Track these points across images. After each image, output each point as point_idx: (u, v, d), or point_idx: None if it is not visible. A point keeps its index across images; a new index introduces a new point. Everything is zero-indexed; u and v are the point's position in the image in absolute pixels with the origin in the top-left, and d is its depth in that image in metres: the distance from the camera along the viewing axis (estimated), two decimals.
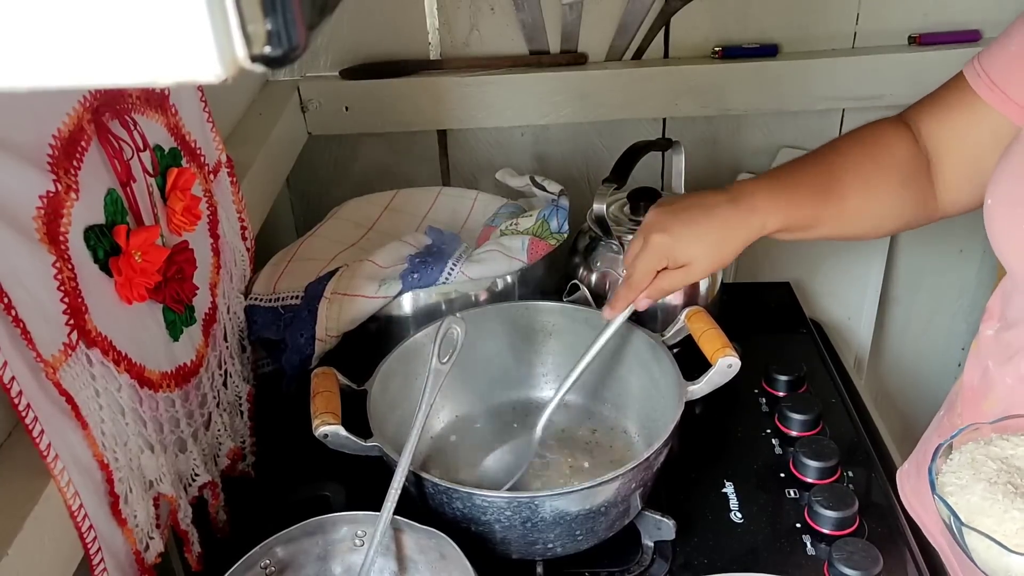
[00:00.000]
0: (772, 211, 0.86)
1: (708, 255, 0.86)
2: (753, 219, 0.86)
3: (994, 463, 0.71)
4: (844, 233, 0.93)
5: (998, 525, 0.65)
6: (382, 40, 1.28)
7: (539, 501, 0.75)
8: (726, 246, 0.86)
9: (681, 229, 0.86)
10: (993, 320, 0.84)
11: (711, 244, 0.86)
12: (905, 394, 1.58)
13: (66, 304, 0.60)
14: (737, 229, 0.86)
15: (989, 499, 0.67)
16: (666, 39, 1.30)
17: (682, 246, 0.85)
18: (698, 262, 0.86)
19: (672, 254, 0.86)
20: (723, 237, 0.86)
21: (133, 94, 0.71)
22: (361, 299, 0.95)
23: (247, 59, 0.27)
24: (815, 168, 0.90)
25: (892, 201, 0.88)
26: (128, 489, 0.68)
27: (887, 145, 0.89)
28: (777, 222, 0.87)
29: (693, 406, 0.85)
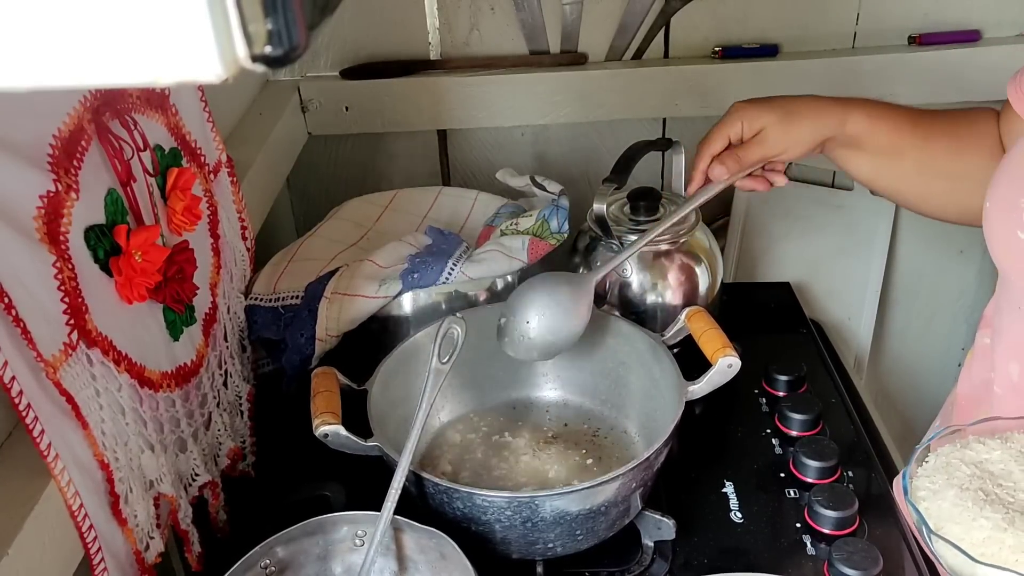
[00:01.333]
0: (858, 112, 0.86)
1: (782, 127, 0.86)
2: (838, 109, 0.86)
3: (968, 468, 0.70)
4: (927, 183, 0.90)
5: (966, 533, 0.65)
6: (382, 40, 1.29)
7: (539, 501, 0.75)
8: (802, 122, 0.86)
9: (763, 100, 0.88)
10: (988, 328, 0.84)
11: (787, 115, 0.86)
12: (905, 394, 1.58)
13: (66, 304, 0.60)
14: (819, 111, 0.86)
15: (959, 506, 0.67)
16: (666, 39, 1.30)
17: (759, 111, 0.86)
18: (771, 131, 0.86)
19: (747, 119, 0.86)
20: (801, 112, 0.86)
21: (133, 94, 0.71)
22: (361, 299, 0.95)
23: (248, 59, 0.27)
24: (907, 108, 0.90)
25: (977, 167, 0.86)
26: (128, 489, 0.68)
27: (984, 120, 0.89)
28: (860, 125, 0.86)
29: (693, 406, 0.85)
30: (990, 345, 0.83)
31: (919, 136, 0.88)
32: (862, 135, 0.87)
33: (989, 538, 0.64)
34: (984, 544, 0.64)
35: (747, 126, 0.87)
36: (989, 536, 0.64)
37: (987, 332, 0.84)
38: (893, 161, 0.89)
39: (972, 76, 1.27)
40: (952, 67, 1.27)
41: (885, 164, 0.89)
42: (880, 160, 0.89)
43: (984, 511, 0.66)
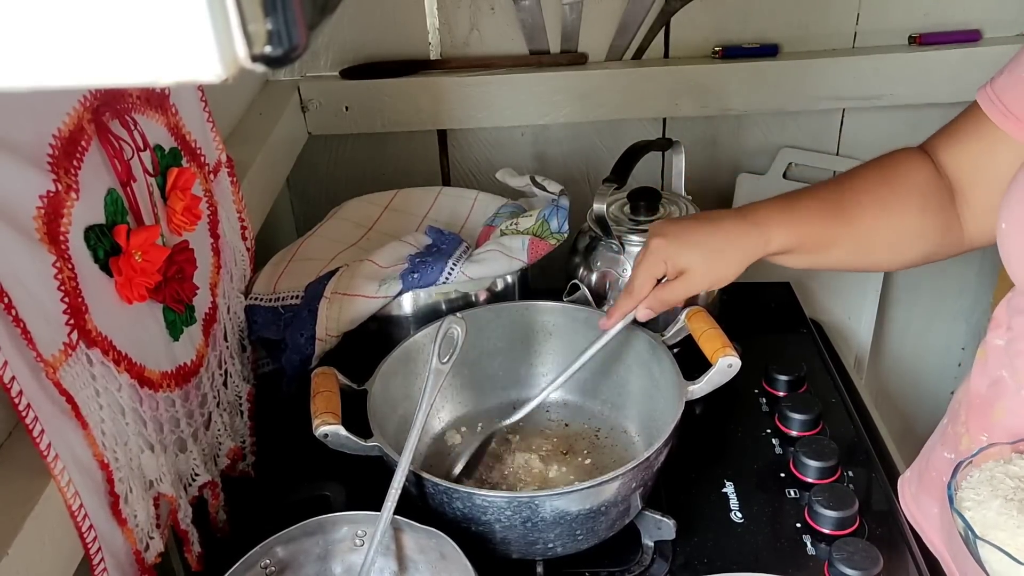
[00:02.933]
0: (778, 227, 0.85)
1: (706, 263, 0.85)
2: (756, 233, 0.85)
3: (1012, 481, 0.72)
4: (861, 259, 0.91)
5: (1011, 539, 0.66)
6: (382, 40, 1.28)
7: (539, 501, 0.75)
8: (725, 257, 0.85)
9: (681, 234, 0.85)
10: (1001, 329, 0.83)
11: (710, 252, 0.85)
12: (905, 394, 1.58)
13: (66, 304, 0.60)
14: (739, 241, 0.85)
15: (1004, 514, 0.68)
16: (666, 39, 1.30)
17: (680, 251, 0.84)
18: (695, 269, 0.85)
19: (671, 258, 0.85)
20: (723, 247, 0.85)
21: (133, 94, 0.71)
22: (361, 299, 0.95)
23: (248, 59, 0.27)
24: (828, 191, 0.88)
25: (910, 226, 0.86)
26: (128, 489, 0.68)
27: (904, 171, 0.87)
28: (783, 239, 0.85)
29: (693, 406, 0.85)
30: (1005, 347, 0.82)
31: (844, 223, 0.86)
32: (788, 246, 0.86)
33: None
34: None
35: (670, 265, 0.85)
36: None
37: (999, 333, 0.83)
38: (826, 253, 0.88)
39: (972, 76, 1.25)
40: (952, 67, 1.27)
41: (820, 258, 0.88)
42: (814, 256, 0.88)
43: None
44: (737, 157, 1.37)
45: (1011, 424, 0.79)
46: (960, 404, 0.88)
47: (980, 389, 0.85)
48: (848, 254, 0.89)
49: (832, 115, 1.34)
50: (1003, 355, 0.82)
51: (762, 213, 0.86)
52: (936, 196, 0.86)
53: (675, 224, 0.87)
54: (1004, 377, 0.81)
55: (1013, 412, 0.80)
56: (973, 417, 0.85)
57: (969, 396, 0.86)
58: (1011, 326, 0.82)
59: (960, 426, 0.87)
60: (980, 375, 0.85)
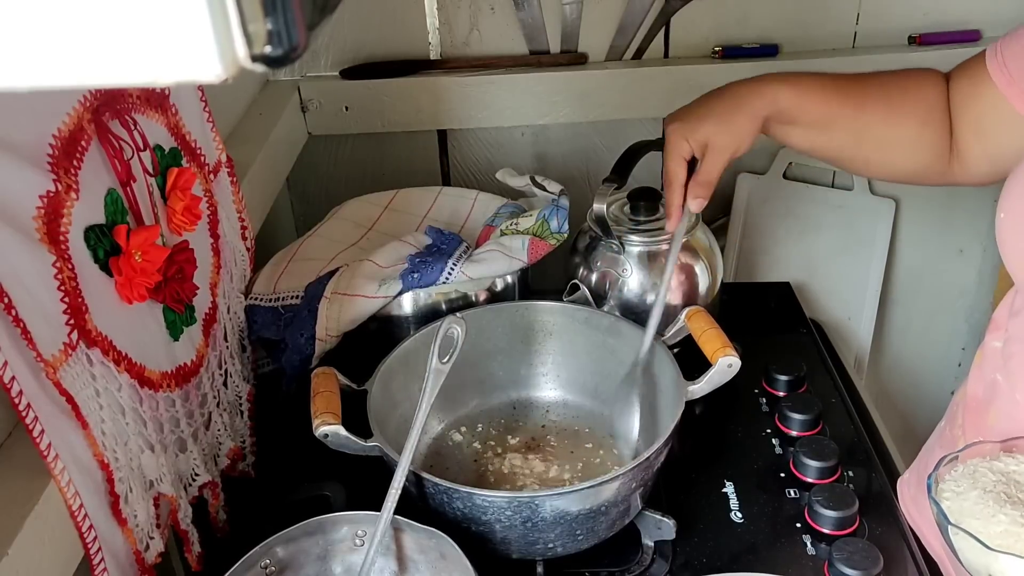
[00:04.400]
0: (785, 89, 0.88)
1: (723, 129, 0.87)
2: (764, 89, 0.88)
3: (995, 476, 0.72)
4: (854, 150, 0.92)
5: (984, 527, 0.67)
6: (382, 40, 1.29)
7: (539, 501, 0.75)
8: (738, 117, 0.88)
9: (691, 112, 0.89)
10: (1000, 331, 0.83)
11: (722, 116, 0.88)
12: (905, 394, 1.58)
13: (66, 304, 0.60)
14: (747, 99, 0.88)
15: (980, 504, 0.69)
16: (666, 39, 1.30)
17: (695, 124, 0.87)
18: (715, 138, 0.87)
19: (689, 134, 0.88)
20: (733, 108, 0.88)
21: (133, 94, 0.71)
22: (361, 299, 0.95)
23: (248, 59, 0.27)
24: (838, 77, 0.91)
25: (907, 132, 0.88)
26: (128, 489, 0.68)
27: (918, 81, 0.90)
28: (789, 98, 0.88)
29: (693, 406, 0.85)
30: (1001, 349, 0.82)
31: (850, 106, 0.89)
32: (793, 109, 0.89)
33: (1006, 531, 0.66)
34: (1000, 537, 0.66)
35: (693, 143, 0.88)
36: (1006, 530, 0.66)
37: (998, 335, 0.84)
38: (826, 132, 0.90)
39: None
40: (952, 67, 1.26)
41: (819, 135, 0.91)
42: (814, 132, 0.91)
43: (1004, 509, 0.68)
44: None
45: (1005, 428, 0.79)
46: (958, 407, 0.89)
47: (977, 392, 0.85)
48: (846, 140, 0.91)
49: None
50: (998, 357, 0.82)
51: (771, 77, 0.90)
52: (940, 115, 0.88)
53: (684, 108, 0.91)
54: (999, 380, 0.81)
55: (1007, 415, 0.80)
56: (969, 420, 0.85)
57: (966, 399, 0.86)
58: (1008, 328, 0.82)
59: (957, 429, 0.87)
60: (977, 378, 0.85)
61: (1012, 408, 0.79)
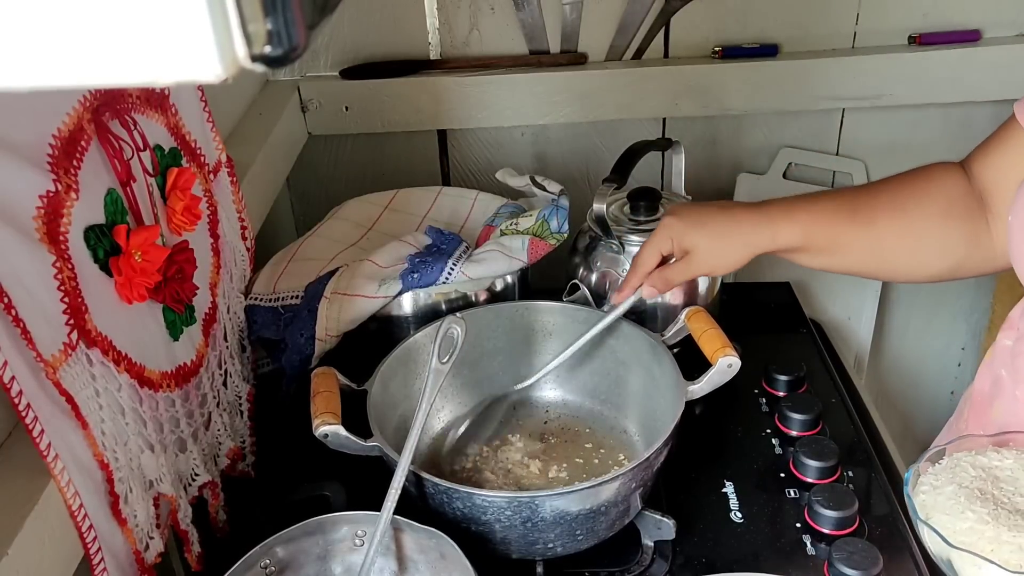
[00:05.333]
0: (787, 223, 0.86)
1: (712, 248, 0.87)
2: (765, 226, 0.86)
3: (975, 470, 0.73)
4: (876, 264, 0.89)
5: (951, 523, 0.68)
6: (382, 40, 1.28)
7: (539, 501, 0.75)
8: (730, 244, 0.87)
9: (692, 216, 0.88)
10: (1012, 330, 0.83)
11: (717, 236, 0.87)
12: (905, 394, 1.58)
13: (66, 304, 0.60)
14: (746, 231, 0.87)
15: (952, 500, 0.70)
16: (666, 39, 1.30)
17: (687, 229, 0.87)
18: (700, 252, 0.87)
19: (677, 237, 0.87)
20: (728, 233, 0.87)
21: (133, 94, 0.71)
22: (361, 299, 0.95)
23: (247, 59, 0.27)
24: (846, 193, 0.89)
25: (930, 231, 0.84)
26: (128, 489, 0.68)
27: (931, 178, 0.86)
28: (790, 235, 0.86)
29: (693, 406, 0.85)
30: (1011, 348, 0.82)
31: (859, 224, 0.85)
32: (797, 243, 0.86)
33: (971, 528, 0.67)
34: (965, 533, 0.67)
35: (676, 244, 0.88)
36: (971, 527, 0.67)
37: (1010, 334, 0.83)
38: (837, 255, 0.88)
39: (972, 76, 1.27)
40: (952, 67, 1.27)
41: (830, 259, 0.88)
42: (825, 257, 0.88)
43: (973, 505, 0.69)
44: (737, 157, 1.38)
45: (1006, 423, 0.79)
46: (965, 401, 0.89)
47: (983, 387, 0.85)
48: (863, 257, 0.88)
49: (832, 115, 1.34)
50: (1007, 355, 0.82)
51: (775, 208, 0.88)
52: (962, 203, 0.84)
53: (690, 207, 0.91)
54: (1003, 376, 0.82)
55: (1009, 411, 0.80)
56: (973, 414, 0.85)
57: (972, 394, 0.87)
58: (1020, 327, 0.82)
59: (962, 423, 0.87)
60: (985, 374, 0.86)
61: (1013, 404, 0.80)
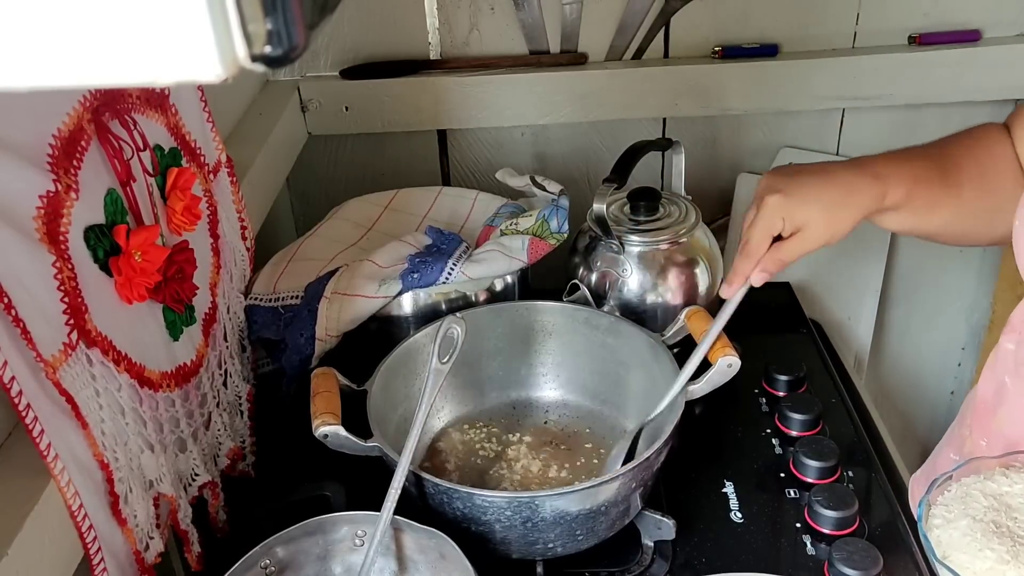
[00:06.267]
0: (896, 180, 0.83)
1: (824, 219, 0.82)
2: (875, 185, 0.83)
3: (986, 500, 0.71)
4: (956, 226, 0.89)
5: (971, 562, 0.66)
6: (382, 40, 1.28)
7: (539, 501, 0.75)
8: (844, 210, 0.82)
9: (796, 189, 0.82)
10: (1014, 333, 0.83)
11: (828, 205, 0.82)
12: (905, 394, 1.58)
13: (66, 304, 0.60)
14: (857, 193, 0.83)
15: (968, 536, 0.68)
16: (666, 39, 1.30)
17: (798, 206, 0.82)
18: (814, 226, 0.82)
19: (789, 215, 0.82)
20: (842, 200, 0.82)
21: (133, 94, 0.71)
22: (361, 299, 0.95)
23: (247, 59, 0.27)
24: (930, 154, 0.87)
25: (1005, 198, 0.85)
26: (128, 489, 0.68)
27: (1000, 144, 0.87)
28: (900, 192, 0.83)
29: (693, 406, 0.85)
30: (1014, 352, 0.82)
31: (950, 186, 0.85)
32: (899, 204, 0.85)
33: (992, 569, 0.65)
34: (987, 574, 0.65)
35: (788, 223, 0.83)
36: (992, 567, 0.65)
37: (1012, 337, 0.83)
38: (929, 215, 0.87)
39: (972, 76, 1.27)
40: (952, 67, 1.27)
41: (922, 219, 0.88)
42: (917, 217, 0.87)
43: (991, 542, 0.67)
44: (737, 157, 1.37)
45: (1011, 432, 0.79)
46: (968, 406, 0.88)
47: (987, 394, 0.84)
48: (948, 218, 0.87)
49: (832, 115, 1.34)
50: (1010, 360, 0.82)
51: (880, 165, 0.84)
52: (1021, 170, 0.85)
53: (789, 178, 0.84)
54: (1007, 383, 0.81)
55: (1013, 420, 0.79)
56: (977, 421, 0.85)
57: (976, 400, 0.86)
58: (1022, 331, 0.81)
59: (965, 428, 0.87)
60: (988, 379, 0.85)
61: (1018, 413, 0.79)
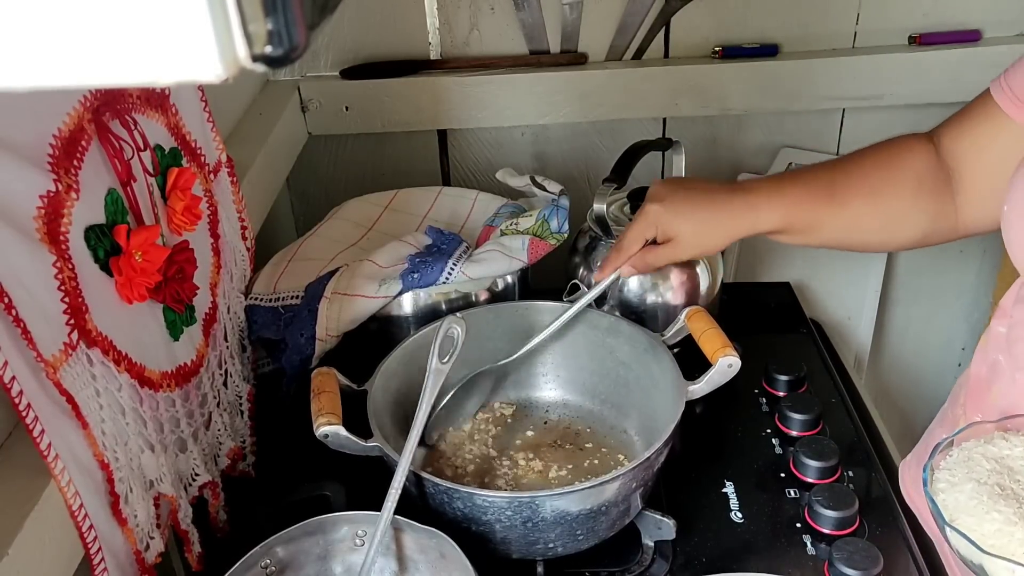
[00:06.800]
0: (769, 209, 0.88)
1: (695, 234, 0.89)
2: (748, 214, 0.89)
3: (988, 463, 0.72)
4: (850, 240, 0.93)
5: (978, 525, 0.67)
6: (382, 40, 1.29)
7: (540, 501, 0.75)
8: (715, 231, 0.89)
9: (676, 203, 0.89)
10: (1005, 318, 0.84)
11: (700, 223, 0.89)
12: (905, 394, 1.58)
13: (66, 304, 0.60)
14: (730, 218, 0.89)
15: (975, 499, 0.69)
16: (666, 39, 1.30)
17: (672, 218, 0.89)
18: (684, 239, 0.89)
19: (662, 224, 0.89)
20: (714, 221, 0.89)
21: (133, 94, 0.71)
22: (361, 299, 0.95)
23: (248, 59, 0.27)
24: (822, 172, 0.91)
25: (901, 209, 0.88)
26: (128, 489, 0.68)
27: (901, 155, 0.89)
28: (773, 220, 0.88)
29: (693, 406, 0.85)
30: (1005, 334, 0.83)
31: (836, 206, 0.89)
32: (777, 227, 0.89)
33: (999, 531, 0.66)
34: (994, 536, 0.66)
35: (661, 231, 0.90)
36: (1000, 529, 0.66)
37: (1003, 321, 0.84)
38: (815, 233, 0.91)
39: (972, 76, 1.25)
40: (952, 67, 1.27)
41: (809, 237, 0.91)
42: (802, 236, 0.91)
43: (997, 505, 0.68)
44: (737, 157, 1.38)
45: (1005, 407, 0.80)
46: (960, 387, 0.89)
47: (980, 373, 0.86)
48: (837, 234, 0.91)
49: (832, 115, 1.34)
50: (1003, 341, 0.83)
51: (755, 192, 0.90)
52: (931, 180, 0.87)
53: (673, 191, 0.91)
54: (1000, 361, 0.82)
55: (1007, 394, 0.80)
56: (971, 399, 0.86)
57: (969, 380, 0.87)
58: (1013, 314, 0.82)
59: (959, 408, 0.87)
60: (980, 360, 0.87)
61: (1012, 387, 0.80)
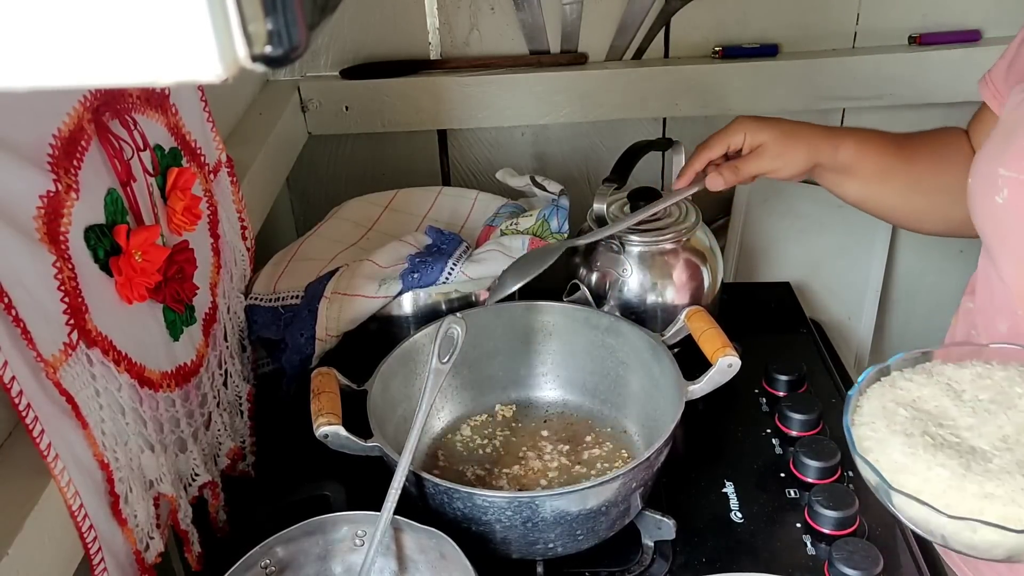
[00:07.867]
0: (850, 142, 0.94)
1: (782, 145, 0.93)
2: (830, 138, 0.94)
3: (905, 411, 0.68)
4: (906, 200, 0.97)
5: (924, 484, 0.62)
6: (382, 40, 1.29)
7: (540, 501, 0.75)
8: (798, 145, 0.93)
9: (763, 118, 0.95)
10: (972, 295, 0.89)
11: (786, 135, 0.93)
12: None
13: (66, 304, 0.60)
14: (813, 135, 0.94)
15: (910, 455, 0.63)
16: (666, 39, 1.30)
17: (763, 126, 0.93)
18: (770, 148, 0.93)
19: (750, 132, 0.93)
20: (798, 135, 0.94)
21: (133, 94, 0.71)
22: (361, 299, 0.95)
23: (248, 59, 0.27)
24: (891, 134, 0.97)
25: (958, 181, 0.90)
26: (128, 489, 0.68)
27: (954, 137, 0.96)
28: (850, 149, 0.94)
29: (693, 406, 0.85)
30: (973, 309, 0.88)
31: (903, 159, 0.95)
32: (852, 162, 0.94)
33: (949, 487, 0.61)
34: (945, 494, 0.61)
35: (749, 139, 0.94)
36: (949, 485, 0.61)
37: (971, 298, 0.89)
38: (881, 184, 0.96)
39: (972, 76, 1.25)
40: (952, 67, 1.27)
41: (874, 187, 0.96)
42: (869, 184, 0.96)
43: (937, 458, 0.63)
44: None
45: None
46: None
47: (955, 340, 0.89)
48: (898, 190, 0.96)
49: (832, 115, 1.34)
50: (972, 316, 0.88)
51: (837, 129, 0.98)
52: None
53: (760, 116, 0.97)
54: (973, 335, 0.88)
55: None
56: None
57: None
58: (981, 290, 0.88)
59: None
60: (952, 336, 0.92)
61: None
